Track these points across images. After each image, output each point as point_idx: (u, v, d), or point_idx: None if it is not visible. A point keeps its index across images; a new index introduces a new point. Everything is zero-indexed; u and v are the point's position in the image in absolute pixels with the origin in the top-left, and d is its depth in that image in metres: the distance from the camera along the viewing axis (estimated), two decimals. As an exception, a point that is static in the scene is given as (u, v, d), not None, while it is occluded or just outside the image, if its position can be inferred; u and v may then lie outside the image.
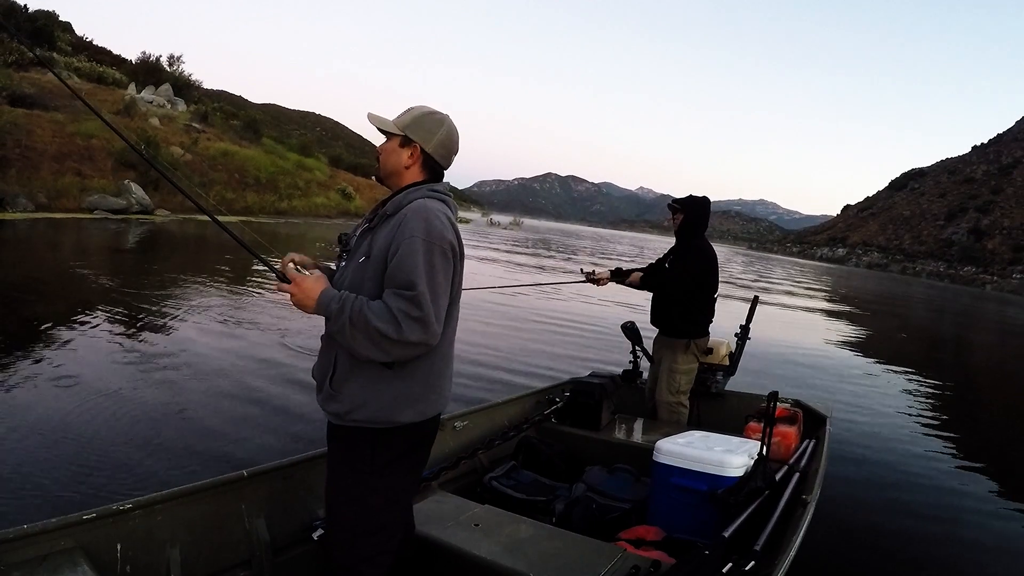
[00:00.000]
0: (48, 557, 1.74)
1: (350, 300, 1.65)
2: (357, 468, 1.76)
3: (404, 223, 1.70)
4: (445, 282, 1.70)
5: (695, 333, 3.86)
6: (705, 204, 3.93)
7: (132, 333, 6.23)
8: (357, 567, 1.79)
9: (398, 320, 1.59)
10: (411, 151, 1.84)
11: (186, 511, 2.10)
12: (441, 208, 1.77)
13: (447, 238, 1.71)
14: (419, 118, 1.86)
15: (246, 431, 4.21)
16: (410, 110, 1.89)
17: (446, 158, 1.89)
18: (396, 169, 1.86)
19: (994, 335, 23.67)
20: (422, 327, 1.61)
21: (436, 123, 1.86)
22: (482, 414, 3.51)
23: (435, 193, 1.81)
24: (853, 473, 4.85)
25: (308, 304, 1.69)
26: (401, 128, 1.85)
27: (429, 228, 1.68)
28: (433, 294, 1.64)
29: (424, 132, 1.84)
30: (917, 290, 55.62)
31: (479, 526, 2.40)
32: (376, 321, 1.60)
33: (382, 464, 1.75)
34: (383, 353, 1.64)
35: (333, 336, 1.71)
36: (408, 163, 1.85)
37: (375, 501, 1.76)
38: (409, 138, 1.84)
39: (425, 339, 1.63)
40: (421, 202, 1.75)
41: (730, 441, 2.99)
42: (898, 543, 3.84)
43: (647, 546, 2.47)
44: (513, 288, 12.31)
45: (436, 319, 1.64)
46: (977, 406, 9.56)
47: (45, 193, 17.05)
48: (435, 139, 1.85)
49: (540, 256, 25.68)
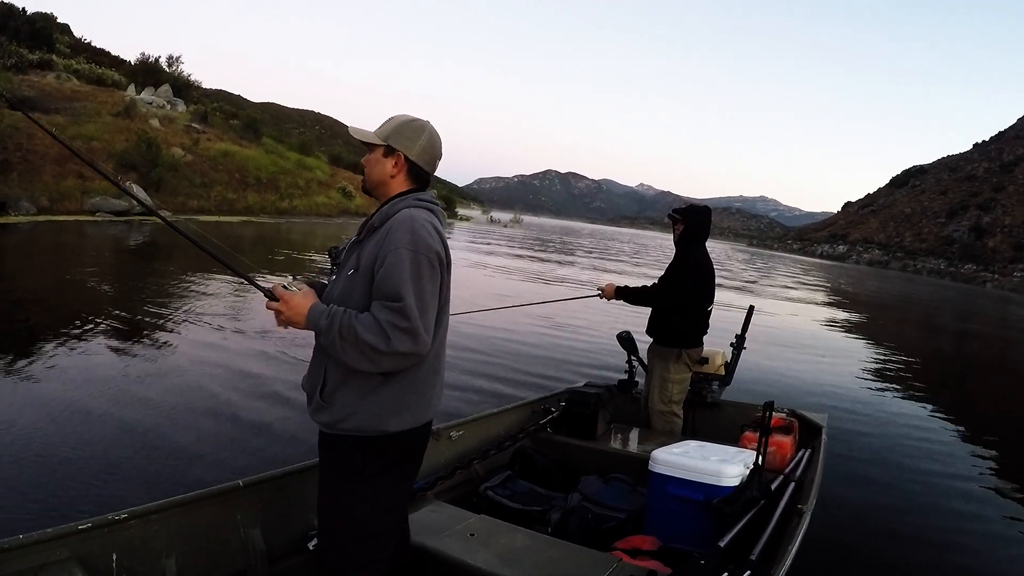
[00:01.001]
0: (44, 567, 1.74)
1: (339, 315, 1.67)
2: (347, 477, 1.78)
3: (390, 234, 1.72)
4: (432, 292, 1.71)
5: (687, 343, 3.86)
6: (705, 214, 3.93)
7: (123, 343, 6.17)
8: (349, 573, 1.80)
9: (386, 332, 1.61)
10: (395, 160, 1.86)
11: (182, 521, 2.10)
12: (427, 217, 1.78)
13: (433, 247, 1.71)
14: (399, 127, 1.87)
15: (221, 450, 4.04)
16: (390, 120, 1.91)
17: (430, 164, 1.91)
18: (382, 179, 1.88)
19: (995, 336, 23.62)
20: (411, 338, 1.63)
21: (417, 130, 1.88)
22: (477, 424, 3.51)
23: (421, 202, 1.83)
24: (849, 482, 4.83)
25: (297, 320, 1.71)
26: (383, 138, 1.86)
27: (414, 238, 1.69)
28: (421, 304, 1.65)
29: (406, 140, 1.86)
30: (917, 288, 55.40)
31: (474, 536, 2.40)
32: (365, 334, 1.61)
33: (372, 472, 1.76)
34: (373, 365, 1.66)
35: (325, 349, 1.73)
36: (393, 172, 1.87)
37: (366, 509, 1.77)
38: (392, 147, 1.86)
39: (415, 349, 1.64)
40: (407, 212, 1.76)
41: (726, 451, 2.99)
42: (894, 552, 3.84)
43: (643, 556, 2.47)
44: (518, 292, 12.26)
45: (425, 329, 1.65)
46: (976, 413, 9.54)
47: (47, 196, 17.12)
48: (417, 146, 1.87)
49: (546, 261, 25.48)
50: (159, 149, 21.82)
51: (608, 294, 3.97)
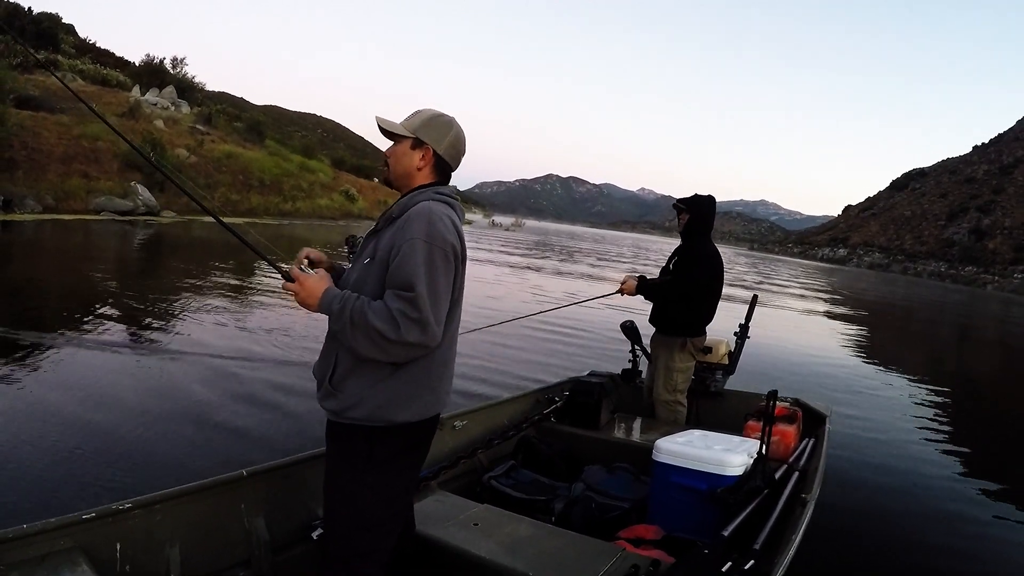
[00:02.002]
0: (47, 557, 1.74)
1: (351, 300, 1.67)
2: (353, 464, 1.78)
3: (407, 225, 1.72)
4: (446, 284, 1.71)
5: (691, 332, 3.85)
6: (710, 203, 3.91)
7: (125, 341, 6.16)
8: (351, 561, 1.80)
9: (397, 321, 1.61)
10: (423, 153, 1.87)
11: (185, 510, 2.10)
12: (445, 211, 1.78)
13: (448, 240, 1.72)
14: (428, 120, 1.88)
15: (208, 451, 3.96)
16: (418, 113, 1.91)
17: (455, 159, 1.92)
18: (408, 171, 1.88)
19: (997, 336, 23.55)
20: (420, 328, 1.63)
21: (446, 125, 1.89)
22: (481, 413, 3.51)
23: (441, 196, 1.83)
24: (853, 471, 4.84)
25: (311, 303, 1.72)
26: (412, 131, 1.86)
27: (431, 230, 1.69)
28: (433, 296, 1.65)
29: (435, 134, 1.87)
30: (918, 291, 55.36)
31: (478, 525, 2.40)
32: (375, 321, 1.62)
33: (378, 462, 1.76)
34: (382, 352, 1.66)
35: (335, 335, 1.74)
36: (420, 165, 1.87)
37: (370, 498, 1.77)
38: (420, 140, 1.86)
39: (423, 340, 1.64)
40: (425, 204, 1.76)
41: (730, 440, 2.98)
42: (897, 541, 3.84)
43: (647, 545, 2.46)
44: (518, 285, 12.27)
45: (436, 321, 1.65)
46: (980, 405, 9.52)
47: (52, 195, 17.18)
48: (446, 141, 1.88)
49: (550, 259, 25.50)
50: (164, 150, 21.96)
51: (628, 290, 3.92)
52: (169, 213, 20.48)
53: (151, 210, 19.92)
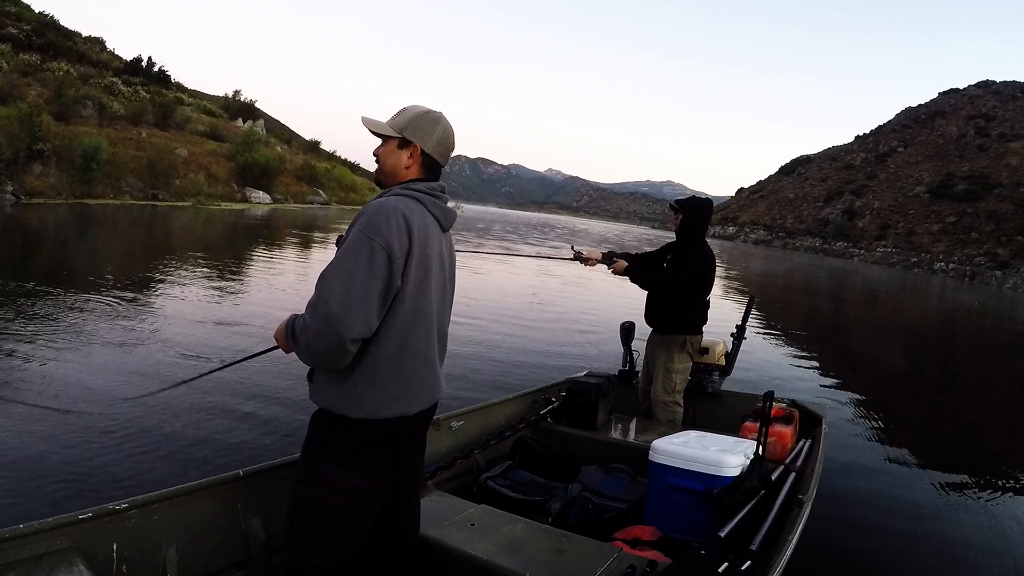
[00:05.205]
0: (44, 556, 1.73)
1: (293, 319, 1.74)
2: (311, 449, 1.82)
3: (355, 219, 1.74)
4: (369, 275, 1.64)
5: (690, 330, 3.85)
6: (706, 206, 3.93)
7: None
8: (299, 547, 1.79)
9: (307, 309, 1.67)
10: (411, 151, 1.85)
11: (182, 511, 2.09)
12: (400, 205, 1.73)
13: (383, 233, 1.67)
14: (415, 119, 1.86)
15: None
16: (404, 111, 1.89)
17: (444, 156, 1.90)
18: (396, 170, 1.87)
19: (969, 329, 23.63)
20: (314, 314, 1.64)
21: (432, 122, 1.87)
22: (478, 414, 3.50)
23: (407, 191, 1.81)
24: (849, 472, 4.84)
25: (282, 344, 1.82)
26: (398, 130, 1.85)
27: (368, 223, 1.68)
28: (345, 283, 1.62)
29: (422, 132, 1.85)
30: (796, 262, 57.37)
31: (475, 526, 2.39)
32: (298, 323, 1.70)
33: (332, 453, 1.77)
34: (306, 347, 1.67)
35: None
36: (408, 164, 1.86)
37: (324, 487, 1.77)
38: (407, 139, 1.85)
39: (325, 327, 1.61)
40: (381, 200, 1.76)
41: (726, 441, 2.98)
42: (894, 543, 3.83)
43: (643, 546, 2.46)
44: (508, 280, 12.25)
45: (342, 305, 1.61)
46: (972, 404, 9.56)
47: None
48: (433, 138, 1.86)
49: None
50: (283, 163, 39.78)
51: (617, 269, 3.89)
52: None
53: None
